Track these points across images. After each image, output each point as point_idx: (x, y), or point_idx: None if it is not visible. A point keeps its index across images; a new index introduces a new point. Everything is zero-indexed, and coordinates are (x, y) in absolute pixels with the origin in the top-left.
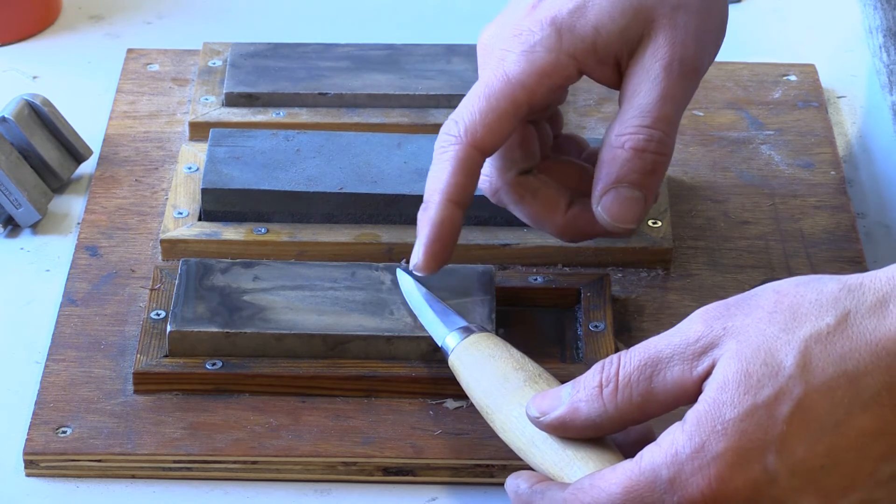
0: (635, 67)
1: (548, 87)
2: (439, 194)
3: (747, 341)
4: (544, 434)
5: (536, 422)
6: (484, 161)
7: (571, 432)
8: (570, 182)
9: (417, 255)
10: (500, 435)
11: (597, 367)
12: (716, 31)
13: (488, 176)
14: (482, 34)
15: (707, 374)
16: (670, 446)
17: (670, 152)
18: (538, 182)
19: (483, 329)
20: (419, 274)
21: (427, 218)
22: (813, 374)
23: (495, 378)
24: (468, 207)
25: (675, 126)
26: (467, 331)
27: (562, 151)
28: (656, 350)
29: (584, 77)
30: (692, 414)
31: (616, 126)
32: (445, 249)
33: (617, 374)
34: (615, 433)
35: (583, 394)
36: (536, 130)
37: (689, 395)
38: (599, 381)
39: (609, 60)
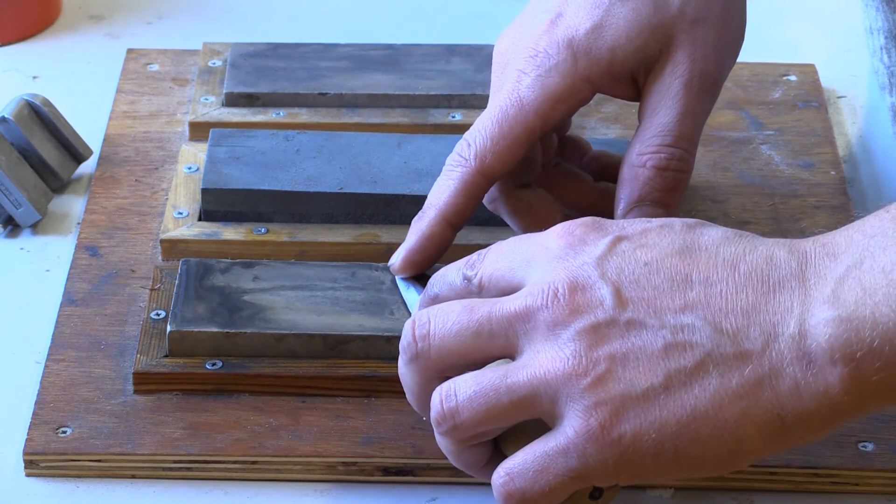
0: (654, 84)
1: (562, 112)
2: (436, 210)
3: None
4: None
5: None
6: (489, 187)
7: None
8: (568, 195)
9: (398, 257)
10: None
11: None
12: (735, 42)
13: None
14: (499, 41)
15: None
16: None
17: (691, 169)
18: (534, 196)
19: None
20: (394, 273)
21: (418, 228)
22: (706, 226)
23: None
24: (462, 226)
25: (696, 142)
26: None
27: (564, 154)
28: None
29: None
30: None
31: (637, 145)
32: (426, 261)
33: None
34: None
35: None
36: (542, 141)
37: None
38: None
39: (625, 78)
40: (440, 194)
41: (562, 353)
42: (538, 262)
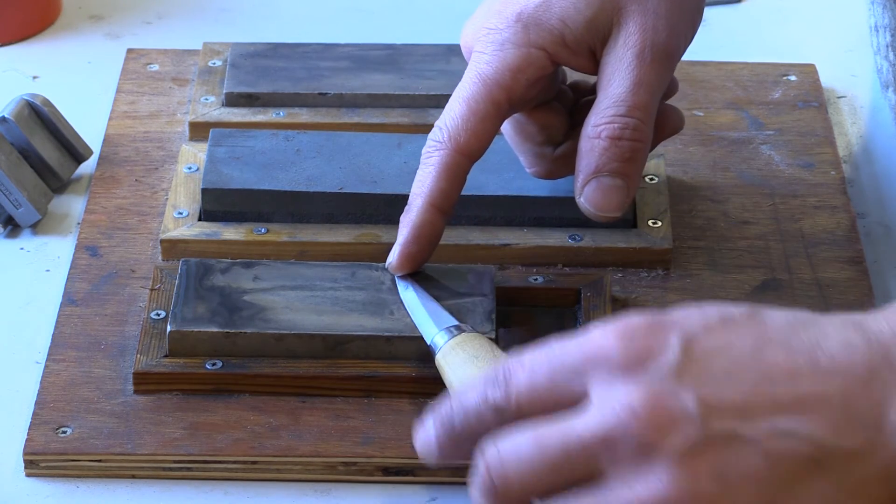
0: (608, 56)
1: (523, 81)
2: (421, 198)
3: None
4: None
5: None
6: (470, 166)
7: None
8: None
9: (393, 256)
10: None
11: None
12: (691, 13)
13: (536, 166)
14: (462, 33)
15: None
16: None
17: (648, 138)
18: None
19: (473, 330)
20: (393, 273)
21: (408, 220)
22: (757, 309)
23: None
24: (451, 213)
25: (652, 112)
26: (455, 330)
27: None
28: None
29: None
30: None
31: (592, 117)
32: (422, 252)
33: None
34: None
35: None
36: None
37: None
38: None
39: (582, 51)
40: (423, 182)
41: (660, 483)
42: (598, 373)
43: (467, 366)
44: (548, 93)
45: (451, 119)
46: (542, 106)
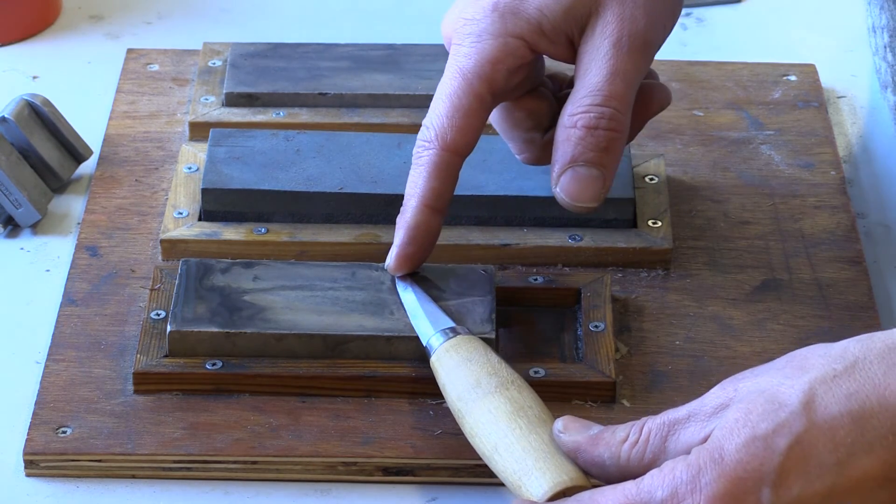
0: (586, 45)
1: (504, 71)
2: (415, 199)
3: (754, 389)
4: (507, 442)
5: (557, 434)
6: (461, 163)
7: (580, 460)
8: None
9: (390, 257)
10: (469, 439)
11: (629, 423)
12: (671, 4)
13: (525, 153)
14: (442, 24)
15: None
16: (670, 472)
17: (624, 128)
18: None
19: (469, 332)
20: (392, 274)
21: (403, 222)
22: (815, 411)
23: (468, 382)
24: (446, 212)
25: (629, 102)
26: (451, 332)
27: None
28: (675, 412)
29: None
30: (696, 448)
31: (569, 106)
32: (419, 252)
33: (640, 431)
34: (614, 481)
35: (607, 435)
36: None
37: None
38: (626, 435)
39: (560, 39)
40: (415, 183)
41: None
42: None
43: (460, 369)
44: (532, 81)
45: (436, 117)
46: (528, 92)
